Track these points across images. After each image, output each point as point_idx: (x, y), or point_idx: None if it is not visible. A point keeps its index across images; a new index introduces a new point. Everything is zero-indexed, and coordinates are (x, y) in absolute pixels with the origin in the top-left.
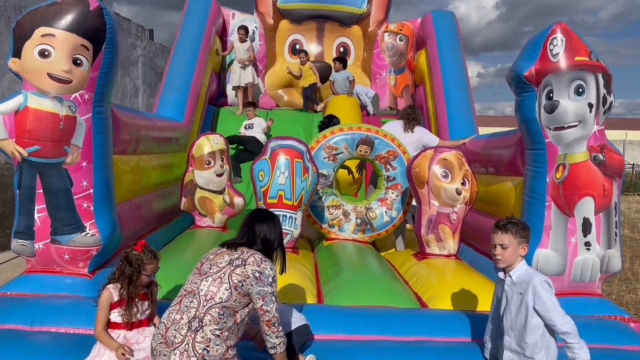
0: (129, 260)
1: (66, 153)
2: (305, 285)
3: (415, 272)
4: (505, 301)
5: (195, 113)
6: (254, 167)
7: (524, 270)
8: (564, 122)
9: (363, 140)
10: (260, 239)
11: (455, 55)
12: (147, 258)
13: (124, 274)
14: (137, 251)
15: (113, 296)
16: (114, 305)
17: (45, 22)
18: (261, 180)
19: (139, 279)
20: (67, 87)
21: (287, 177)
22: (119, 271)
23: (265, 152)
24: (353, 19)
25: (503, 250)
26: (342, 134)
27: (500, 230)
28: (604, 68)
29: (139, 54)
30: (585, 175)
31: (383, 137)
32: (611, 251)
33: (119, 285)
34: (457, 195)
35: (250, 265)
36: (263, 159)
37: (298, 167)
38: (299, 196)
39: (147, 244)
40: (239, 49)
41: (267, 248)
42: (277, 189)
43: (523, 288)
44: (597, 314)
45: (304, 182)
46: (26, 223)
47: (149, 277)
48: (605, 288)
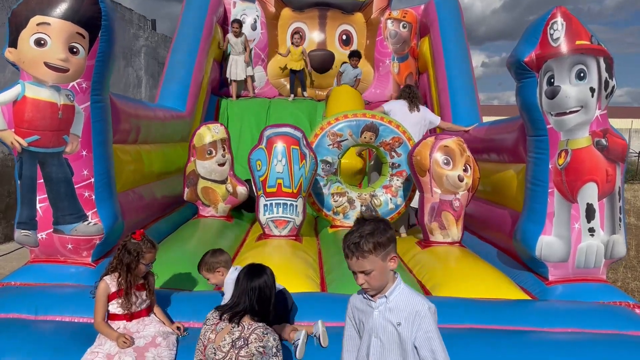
0: (127, 249)
1: (66, 142)
2: (308, 273)
3: (419, 260)
4: (374, 333)
5: (197, 103)
6: (251, 157)
7: (400, 292)
8: (566, 107)
9: (368, 126)
10: (256, 299)
11: (458, 43)
12: (146, 247)
13: (122, 263)
14: (136, 240)
15: (110, 287)
16: (112, 296)
17: (40, 10)
18: (259, 170)
19: (137, 268)
20: (64, 76)
21: (285, 165)
22: (117, 260)
23: (261, 141)
24: (355, 6)
25: (367, 277)
26: (347, 121)
27: (353, 256)
28: (606, 51)
29: (141, 45)
30: (588, 161)
31: (388, 123)
32: (615, 237)
33: (117, 275)
34: (459, 182)
35: (253, 343)
36: (259, 148)
37: (295, 154)
38: (298, 183)
39: (146, 234)
40: (235, 43)
41: (264, 305)
42: (276, 177)
43: (403, 317)
44: (602, 299)
45: (302, 169)
46: (28, 213)
47: (147, 266)
48: (610, 275)
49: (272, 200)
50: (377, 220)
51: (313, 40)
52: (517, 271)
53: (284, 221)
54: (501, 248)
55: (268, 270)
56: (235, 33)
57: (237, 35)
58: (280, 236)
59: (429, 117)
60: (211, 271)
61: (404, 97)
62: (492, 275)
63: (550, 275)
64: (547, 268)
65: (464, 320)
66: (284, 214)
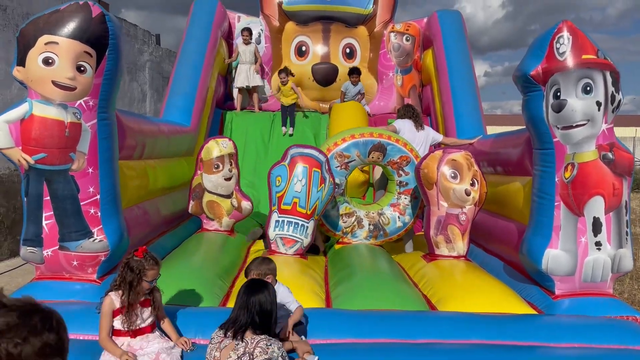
0: (130, 267)
1: (72, 160)
2: (314, 289)
3: (424, 273)
4: None
5: (202, 117)
6: (271, 172)
7: None
8: (572, 121)
9: (375, 146)
10: (257, 312)
11: (462, 55)
12: (148, 264)
13: (125, 280)
14: (138, 257)
15: (115, 303)
16: (116, 312)
17: (48, 30)
18: (278, 186)
19: (139, 285)
20: (71, 94)
21: (304, 186)
22: (120, 278)
23: (284, 158)
24: (359, 19)
25: None
26: (354, 141)
27: None
28: (612, 66)
29: (145, 59)
30: (594, 175)
31: (396, 142)
32: (622, 250)
33: (121, 292)
34: (466, 196)
35: (258, 357)
36: (282, 165)
37: (316, 176)
38: (314, 205)
39: (148, 250)
40: (244, 51)
41: (265, 318)
42: (293, 196)
43: None
44: (609, 314)
45: (320, 192)
46: (34, 230)
47: (151, 283)
48: (617, 287)
49: (285, 218)
50: None
51: (317, 54)
52: (523, 285)
53: (293, 240)
54: (507, 261)
55: (270, 286)
56: (245, 41)
57: (246, 43)
58: (286, 254)
59: (432, 134)
60: (262, 277)
61: (409, 116)
62: (498, 290)
63: (557, 289)
64: (554, 282)
65: (469, 336)
66: (294, 233)
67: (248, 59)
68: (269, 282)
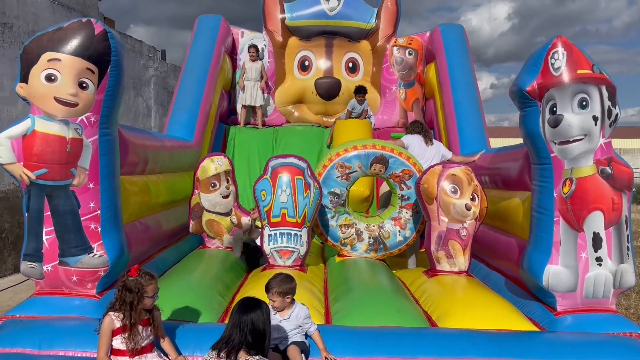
0: (127, 288)
1: (73, 175)
2: (313, 304)
3: (425, 289)
4: None
5: (205, 132)
6: (256, 187)
7: None
8: (569, 136)
9: (377, 158)
10: (250, 332)
11: (465, 69)
12: (145, 280)
13: (125, 302)
14: (133, 276)
15: (114, 323)
16: (116, 331)
17: (51, 47)
18: (264, 200)
19: (141, 303)
20: (73, 110)
21: (289, 195)
22: (119, 301)
23: (266, 172)
24: (361, 34)
25: None
26: (356, 152)
27: None
28: (608, 80)
29: (151, 75)
30: (593, 189)
31: (398, 155)
32: (624, 266)
33: (122, 315)
34: (466, 210)
35: None
36: (264, 179)
37: (299, 184)
38: (303, 213)
39: (140, 267)
40: (251, 68)
41: (258, 338)
42: (280, 207)
43: None
44: (612, 330)
45: (307, 199)
46: (35, 245)
47: (152, 297)
48: (623, 302)
49: (277, 230)
50: None
51: (320, 68)
52: (525, 301)
53: (288, 251)
54: (509, 276)
55: (264, 306)
56: (252, 58)
57: (253, 60)
58: (284, 266)
59: (442, 150)
60: (282, 295)
61: (418, 131)
62: (500, 306)
63: (559, 306)
64: (555, 298)
65: (470, 353)
66: (288, 244)
67: (253, 76)
68: (289, 301)
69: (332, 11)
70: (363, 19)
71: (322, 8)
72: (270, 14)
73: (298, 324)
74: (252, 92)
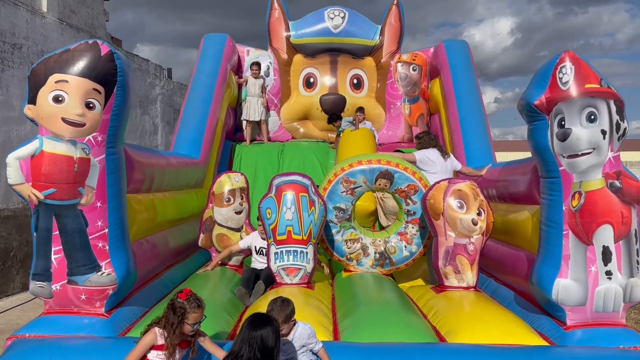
0: (173, 308)
1: (81, 194)
2: (321, 321)
3: (433, 305)
4: None
5: (211, 149)
6: (261, 206)
7: None
8: (577, 149)
9: (382, 174)
10: (259, 348)
11: (469, 84)
12: (191, 307)
13: (168, 321)
14: (181, 299)
15: (158, 339)
16: (157, 347)
17: (58, 68)
18: (269, 218)
19: (180, 327)
20: (80, 130)
21: (294, 213)
22: (164, 318)
23: (270, 190)
24: (366, 50)
25: None
26: (361, 167)
27: None
28: (616, 94)
29: (157, 93)
30: (602, 203)
31: (404, 170)
32: (634, 280)
33: (166, 333)
34: (473, 225)
35: None
36: (269, 197)
37: (304, 201)
38: (308, 230)
39: (193, 292)
40: (253, 84)
41: (266, 355)
42: (285, 225)
43: None
44: (622, 345)
45: (312, 216)
46: (43, 265)
47: (193, 326)
48: (633, 316)
49: (283, 248)
50: None
51: (325, 85)
52: (535, 315)
53: (295, 269)
54: (518, 291)
55: (274, 323)
56: (254, 75)
57: (255, 77)
58: (291, 284)
59: (454, 162)
60: (287, 321)
61: (433, 144)
62: (509, 321)
63: (569, 320)
64: (565, 312)
65: None
66: (294, 262)
67: (257, 93)
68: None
69: (336, 29)
70: (367, 36)
71: (326, 26)
72: (275, 32)
73: (302, 343)
74: (256, 108)
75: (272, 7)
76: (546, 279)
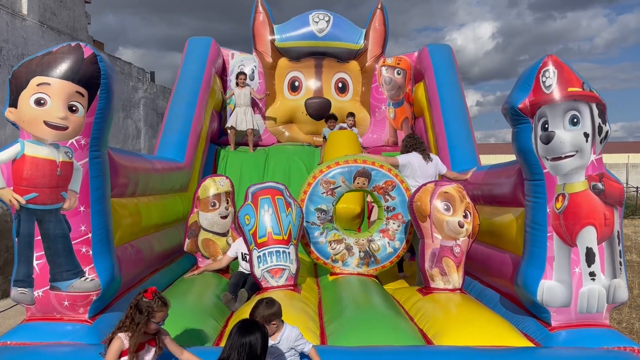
0: (139, 308)
1: (64, 199)
2: (308, 325)
3: (420, 307)
4: None
5: (196, 153)
6: (239, 215)
7: None
8: (561, 152)
9: (360, 172)
10: (247, 355)
11: (453, 88)
12: (157, 305)
13: (133, 322)
14: (147, 299)
15: (124, 343)
16: (124, 352)
17: (40, 71)
18: (248, 224)
19: (147, 327)
20: (63, 134)
21: (272, 214)
22: (129, 319)
23: (247, 199)
24: (350, 54)
25: None
26: (339, 168)
27: None
28: (598, 98)
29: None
30: (585, 205)
31: (380, 167)
32: (617, 281)
33: (130, 334)
34: (459, 228)
35: None
36: (247, 205)
37: (280, 202)
38: (288, 230)
39: (158, 291)
40: (239, 95)
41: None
42: (265, 227)
43: None
44: (606, 345)
45: (289, 216)
46: (25, 271)
47: (158, 324)
48: (615, 316)
49: (265, 250)
50: None
51: (310, 88)
52: (520, 317)
53: (279, 269)
54: (503, 293)
55: (262, 328)
56: (241, 85)
57: (242, 86)
58: (277, 286)
59: (440, 165)
60: (267, 322)
61: (414, 148)
62: (495, 322)
63: (553, 321)
64: (550, 313)
65: None
66: (278, 262)
67: (243, 102)
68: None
69: (321, 32)
70: (352, 39)
71: (311, 29)
72: (260, 36)
73: (289, 346)
74: (243, 118)
75: (257, 11)
76: (531, 281)
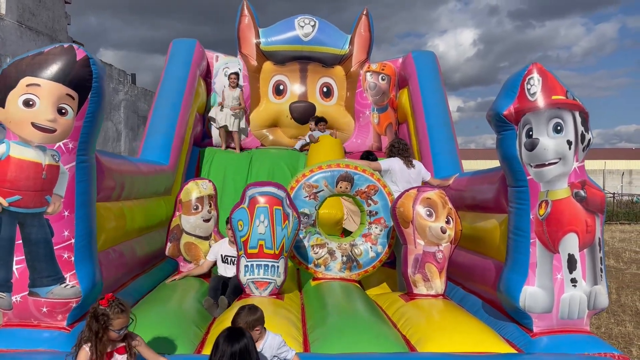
0: (95, 316)
1: (48, 203)
2: (290, 332)
3: (403, 313)
4: None
5: (180, 155)
6: (232, 217)
7: None
8: (545, 159)
9: (342, 176)
10: None
11: (437, 94)
12: (114, 312)
13: (91, 331)
14: (103, 306)
15: (90, 355)
16: None
17: (30, 72)
18: (240, 230)
19: (105, 335)
20: (51, 137)
21: (267, 226)
22: (87, 328)
23: (243, 201)
24: (335, 59)
25: None
26: (322, 172)
27: None
28: (581, 106)
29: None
30: (568, 212)
31: (362, 172)
32: (597, 287)
33: (89, 344)
34: (442, 233)
35: None
36: (241, 208)
37: (278, 214)
38: (281, 244)
39: (115, 297)
40: (228, 95)
41: None
42: (258, 239)
43: None
44: (587, 351)
45: (285, 230)
46: (4, 275)
47: (118, 332)
48: (594, 322)
49: (254, 262)
50: None
51: (294, 93)
52: (502, 322)
53: (265, 282)
54: (486, 299)
55: (247, 334)
56: (232, 84)
57: (233, 86)
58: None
59: (423, 172)
60: (250, 329)
61: (396, 153)
62: (477, 329)
63: (535, 327)
64: (532, 319)
65: None
66: (265, 276)
67: (230, 104)
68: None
69: (306, 37)
70: (337, 45)
71: (296, 34)
72: (245, 39)
73: (272, 354)
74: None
75: (242, 14)
76: (513, 287)
